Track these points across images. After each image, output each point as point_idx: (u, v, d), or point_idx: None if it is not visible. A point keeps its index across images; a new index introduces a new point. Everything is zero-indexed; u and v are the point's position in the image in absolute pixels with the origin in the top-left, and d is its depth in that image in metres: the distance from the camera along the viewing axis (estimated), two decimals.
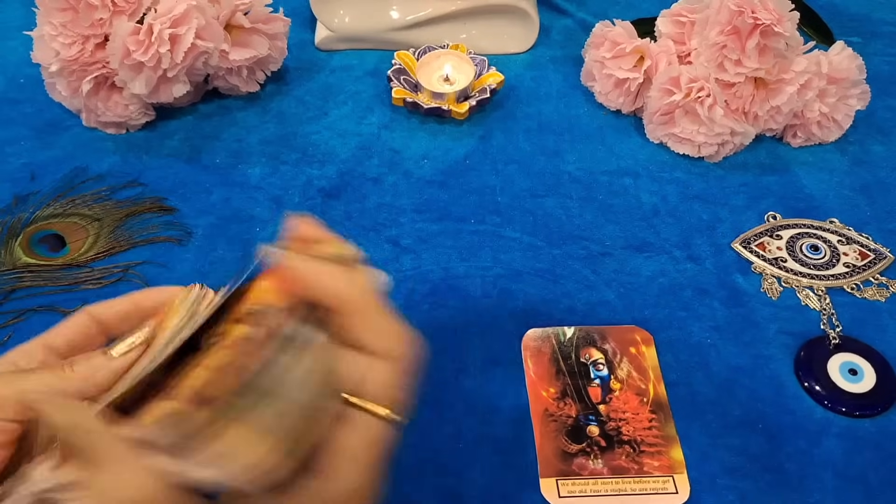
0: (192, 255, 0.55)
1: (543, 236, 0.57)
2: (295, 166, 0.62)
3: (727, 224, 0.59)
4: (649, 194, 0.61)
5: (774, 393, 0.49)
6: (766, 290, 0.54)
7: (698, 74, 0.59)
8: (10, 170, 0.61)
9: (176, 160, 0.62)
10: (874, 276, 0.55)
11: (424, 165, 0.62)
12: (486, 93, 0.65)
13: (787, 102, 0.59)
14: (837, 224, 0.59)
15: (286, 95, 0.68)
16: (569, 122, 0.67)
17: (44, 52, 0.58)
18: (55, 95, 0.62)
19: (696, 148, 0.62)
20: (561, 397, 0.48)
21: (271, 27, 0.64)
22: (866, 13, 0.79)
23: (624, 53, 0.63)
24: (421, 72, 0.67)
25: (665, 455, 0.46)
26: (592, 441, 0.46)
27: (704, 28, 0.59)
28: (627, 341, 0.51)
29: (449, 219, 0.58)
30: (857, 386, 0.49)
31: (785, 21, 0.56)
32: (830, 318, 0.53)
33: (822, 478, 0.45)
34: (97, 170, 0.61)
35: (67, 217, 0.57)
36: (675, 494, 0.44)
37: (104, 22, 0.57)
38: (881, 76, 0.71)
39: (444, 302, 0.53)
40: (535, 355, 0.50)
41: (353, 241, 0.58)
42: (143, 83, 0.58)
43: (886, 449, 0.46)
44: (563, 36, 0.75)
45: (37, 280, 0.53)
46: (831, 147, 0.65)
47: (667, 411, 0.48)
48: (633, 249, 0.57)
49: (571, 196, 0.60)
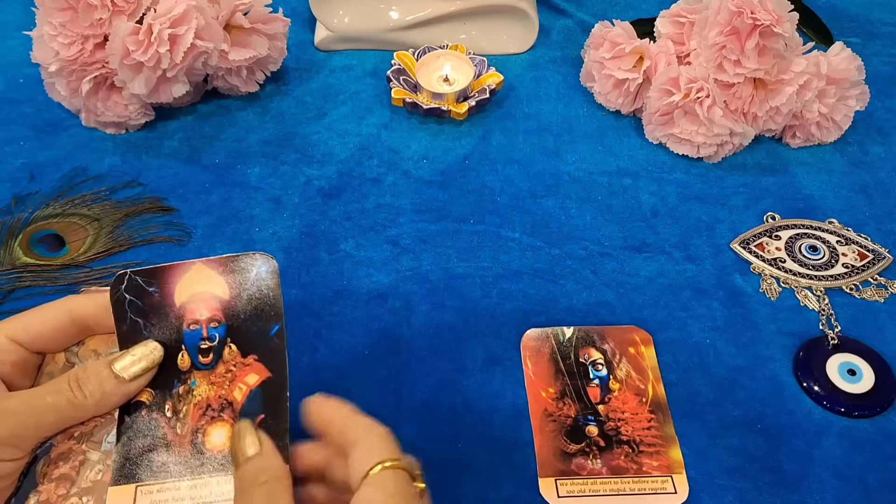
0: (191, 255, 0.55)
1: (543, 236, 0.57)
2: (294, 166, 0.62)
3: (726, 224, 0.59)
4: (648, 195, 0.61)
5: (773, 393, 0.49)
6: (765, 290, 0.54)
7: (697, 75, 0.59)
8: (10, 170, 0.61)
9: (175, 160, 0.62)
10: (873, 277, 0.55)
11: (424, 166, 0.62)
12: (486, 93, 0.65)
13: (786, 103, 0.59)
14: (836, 225, 0.59)
15: (286, 96, 0.68)
16: (568, 122, 0.67)
17: (43, 51, 0.58)
18: (54, 95, 0.62)
19: (695, 148, 0.62)
20: (560, 397, 0.48)
21: (271, 27, 0.64)
22: (865, 14, 0.79)
23: (623, 54, 0.63)
24: (420, 72, 0.67)
25: (664, 455, 0.46)
26: (591, 441, 0.46)
27: (704, 28, 0.59)
28: (626, 341, 0.51)
29: (448, 219, 0.58)
30: (856, 386, 0.49)
31: (784, 22, 0.56)
32: (829, 318, 0.53)
33: (821, 478, 0.45)
34: (96, 170, 0.61)
35: (67, 217, 0.57)
36: (673, 494, 0.44)
37: (104, 22, 0.57)
38: (880, 77, 0.71)
39: (444, 302, 0.53)
40: (535, 355, 0.50)
41: (352, 241, 0.58)
42: (143, 83, 0.58)
43: (885, 449, 0.46)
44: (563, 36, 0.75)
45: (36, 280, 0.53)
46: (830, 148, 0.65)
47: (666, 411, 0.48)
48: (633, 250, 0.57)
49: (571, 196, 0.60)
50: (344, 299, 0.53)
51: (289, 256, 0.55)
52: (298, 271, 0.54)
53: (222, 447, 0.35)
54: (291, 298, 0.53)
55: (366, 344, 0.50)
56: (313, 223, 0.58)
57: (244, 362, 0.37)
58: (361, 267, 0.55)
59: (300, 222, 0.58)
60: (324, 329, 0.51)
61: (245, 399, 0.36)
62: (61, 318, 0.37)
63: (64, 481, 0.34)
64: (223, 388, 0.36)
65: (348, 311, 0.52)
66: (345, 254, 0.56)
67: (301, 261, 0.55)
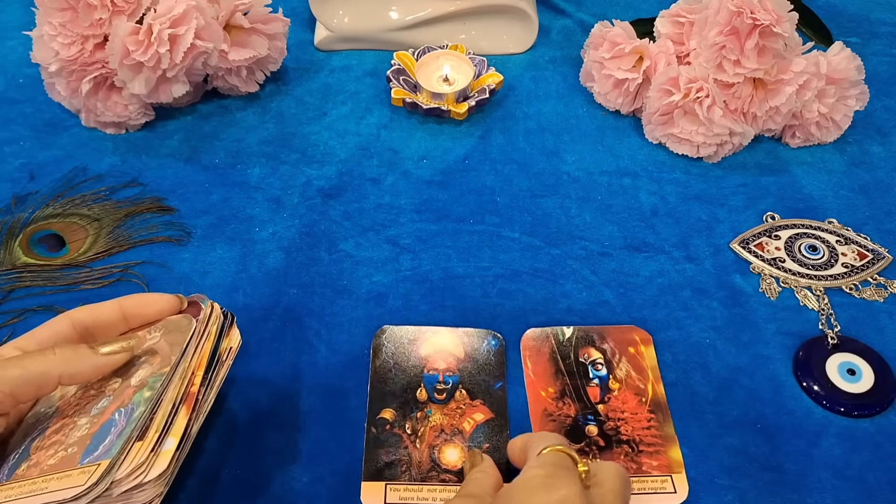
0: (191, 254, 0.55)
1: (542, 236, 0.57)
2: (294, 166, 0.62)
3: (726, 224, 0.59)
4: (648, 194, 0.61)
5: (773, 393, 0.49)
6: (765, 290, 0.54)
7: (697, 75, 0.59)
8: (10, 170, 0.61)
9: (175, 160, 0.62)
10: (873, 277, 0.55)
11: (423, 166, 0.62)
12: (486, 93, 0.65)
13: (785, 103, 0.59)
14: (836, 224, 0.59)
15: (285, 96, 0.68)
16: (568, 122, 0.67)
17: (43, 51, 0.58)
18: (54, 95, 0.62)
19: (694, 148, 0.62)
20: (560, 397, 0.48)
21: (270, 27, 0.64)
22: (865, 14, 0.79)
23: (623, 54, 0.63)
24: (420, 72, 0.67)
25: (664, 455, 0.46)
26: (591, 441, 0.46)
27: (703, 28, 0.59)
28: (626, 341, 0.51)
29: (448, 219, 0.58)
30: (856, 386, 0.49)
31: (784, 21, 0.56)
32: (829, 318, 0.53)
33: (821, 477, 0.45)
34: (96, 170, 0.61)
35: (67, 217, 0.57)
36: (673, 494, 0.44)
37: (103, 22, 0.57)
38: (880, 76, 0.71)
39: (443, 302, 0.53)
40: (534, 355, 0.50)
41: (352, 241, 0.58)
42: (143, 83, 0.58)
43: (885, 449, 0.46)
44: (563, 36, 0.75)
45: (36, 280, 0.53)
46: (830, 147, 0.65)
47: (665, 411, 0.48)
48: (632, 249, 0.57)
49: (570, 196, 0.60)
50: (344, 299, 0.53)
51: (289, 256, 0.55)
52: (298, 271, 0.54)
53: (455, 464, 0.44)
54: (291, 298, 0.53)
55: (366, 344, 0.50)
56: (313, 223, 0.58)
57: (472, 404, 0.47)
58: (361, 267, 0.55)
59: (300, 222, 0.58)
60: (324, 329, 0.51)
61: (472, 430, 0.46)
62: (65, 329, 0.40)
63: (55, 445, 0.37)
64: (454, 419, 0.46)
65: (348, 311, 0.52)
66: (345, 254, 0.56)
67: (301, 261, 0.55)
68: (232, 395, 0.48)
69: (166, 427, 0.35)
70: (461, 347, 0.50)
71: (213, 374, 0.39)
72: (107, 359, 0.38)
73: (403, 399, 0.47)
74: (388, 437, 0.46)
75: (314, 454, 0.45)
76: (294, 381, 0.48)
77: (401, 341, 0.50)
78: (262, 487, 0.44)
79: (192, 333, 0.39)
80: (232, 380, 0.48)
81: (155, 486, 0.34)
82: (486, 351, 0.50)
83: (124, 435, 0.35)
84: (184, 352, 0.38)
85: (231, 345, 0.41)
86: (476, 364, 0.49)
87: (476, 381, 0.48)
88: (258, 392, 0.48)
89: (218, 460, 0.45)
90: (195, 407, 0.37)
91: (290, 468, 0.44)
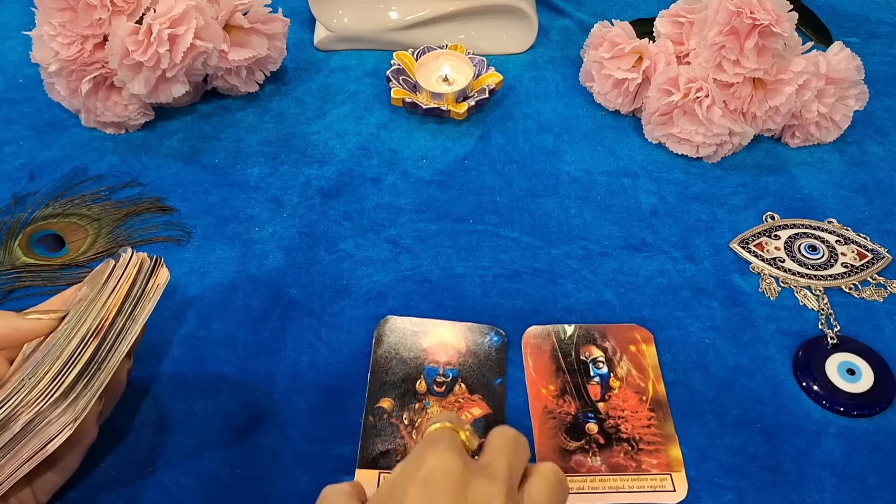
0: (190, 254, 0.55)
1: (542, 236, 0.57)
2: (294, 166, 0.62)
3: (725, 224, 0.59)
4: (648, 194, 0.61)
5: (773, 393, 0.49)
6: (765, 290, 0.54)
7: (697, 75, 0.59)
8: (9, 170, 0.61)
9: (175, 160, 0.62)
10: (872, 276, 0.55)
11: (423, 165, 0.63)
12: (485, 93, 0.65)
13: (785, 103, 0.59)
14: (836, 224, 0.59)
15: (285, 96, 0.68)
16: (567, 122, 0.67)
17: (43, 51, 0.58)
18: (54, 95, 0.62)
19: (694, 148, 0.62)
20: (560, 395, 0.48)
21: (270, 27, 0.64)
22: (864, 14, 0.79)
23: (622, 54, 0.63)
24: (420, 72, 0.67)
25: (663, 453, 0.46)
26: (591, 438, 0.46)
27: (703, 28, 0.59)
28: (627, 339, 0.51)
29: (448, 219, 0.58)
30: (855, 386, 0.49)
31: (783, 21, 0.56)
32: (828, 318, 0.53)
33: (821, 477, 0.45)
34: (96, 170, 0.61)
35: (66, 217, 0.57)
36: (672, 493, 0.44)
37: (103, 22, 0.57)
38: (879, 76, 0.71)
39: (443, 302, 0.53)
40: (535, 353, 0.50)
41: (352, 240, 0.58)
42: (142, 83, 0.58)
43: (884, 449, 0.46)
44: (562, 36, 0.75)
45: (36, 280, 0.53)
46: (829, 147, 0.65)
47: (665, 410, 0.48)
48: (632, 249, 0.57)
49: (570, 196, 0.60)
50: (344, 299, 0.53)
51: (288, 256, 0.55)
52: (298, 271, 0.54)
53: None
54: (291, 298, 0.53)
55: (366, 344, 0.50)
56: (313, 223, 0.58)
57: (470, 398, 0.47)
58: (361, 267, 0.55)
59: (300, 222, 0.58)
60: (324, 329, 0.51)
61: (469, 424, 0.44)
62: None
63: None
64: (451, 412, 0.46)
65: (348, 311, 0.52)
66: (344, 254, 0.56)
67: (301, 261, 0.55)
68: (232, 395, 0.48)
69: (75, 359, 0.36)
70: (463, 342, 0.50)
71: (135, 308, 0.39)
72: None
73: (403, 389, 0.48)
74: (384, 426, 0.46)
75: (314, 454, 0.45)
76: (294, 380, 0.48)
77: (403, 332, 0.50)
78: (262, 487, 0.44)
79: (110, 273, 0.40)
80: (231, 379, 0.48)
81: (61, 414, 0.35)
82: (487, 346, 0.50)
83: (34, 364, 0.36)
84: (100, 290, 0.39)
85: (158, 282, 0.41)
86: (477, 359, 0.49)
87: (476, 375, 0.49)
88: (258, 392, 0.48)
89: (218, 460, 0.45)
90: (105, 337, 0.38)
91: (290, 468, 0.44)
